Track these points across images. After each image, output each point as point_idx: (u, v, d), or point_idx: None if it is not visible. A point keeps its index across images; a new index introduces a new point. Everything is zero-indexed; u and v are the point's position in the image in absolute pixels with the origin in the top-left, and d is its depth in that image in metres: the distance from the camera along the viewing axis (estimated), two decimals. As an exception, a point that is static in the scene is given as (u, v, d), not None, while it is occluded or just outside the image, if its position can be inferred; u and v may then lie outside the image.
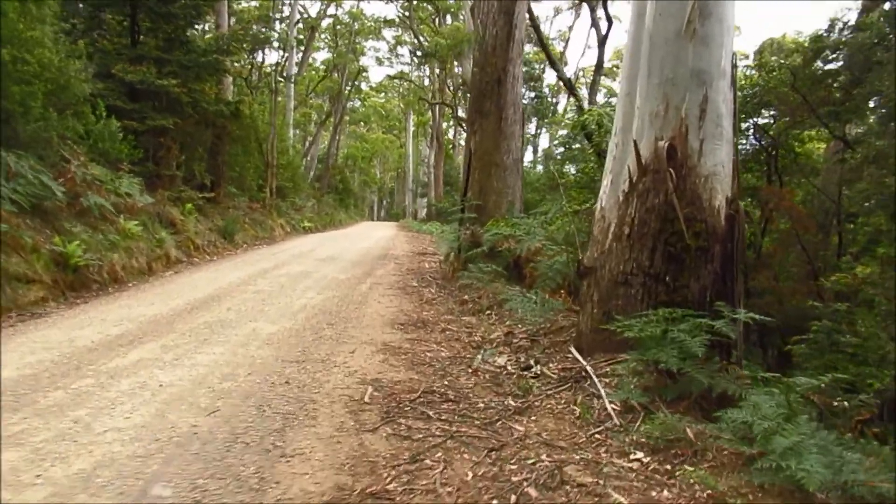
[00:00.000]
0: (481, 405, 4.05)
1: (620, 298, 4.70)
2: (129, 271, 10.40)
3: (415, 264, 12.35)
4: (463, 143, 56.17)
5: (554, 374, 4.65)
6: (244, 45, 20.26)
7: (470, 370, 4.86)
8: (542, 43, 13.48)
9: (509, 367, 4.90)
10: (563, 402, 4.10)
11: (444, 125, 46.90)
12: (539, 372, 4.73)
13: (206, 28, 20.82)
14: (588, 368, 4.46)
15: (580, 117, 10.11)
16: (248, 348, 5.22)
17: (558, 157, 20.98)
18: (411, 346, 5.48)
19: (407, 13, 36.23)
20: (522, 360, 5.10)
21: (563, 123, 28.95)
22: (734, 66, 4.84)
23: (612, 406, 3.88)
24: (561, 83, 39.27)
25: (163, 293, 8.40)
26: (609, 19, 12.19)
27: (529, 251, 7.20)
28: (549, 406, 4.04)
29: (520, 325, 6.24)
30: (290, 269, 11.00)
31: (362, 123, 61.76)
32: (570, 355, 5.00)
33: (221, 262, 12.91)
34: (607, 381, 4.28)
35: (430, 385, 4.38)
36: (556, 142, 24.57)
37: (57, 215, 9.59)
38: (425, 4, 36.79)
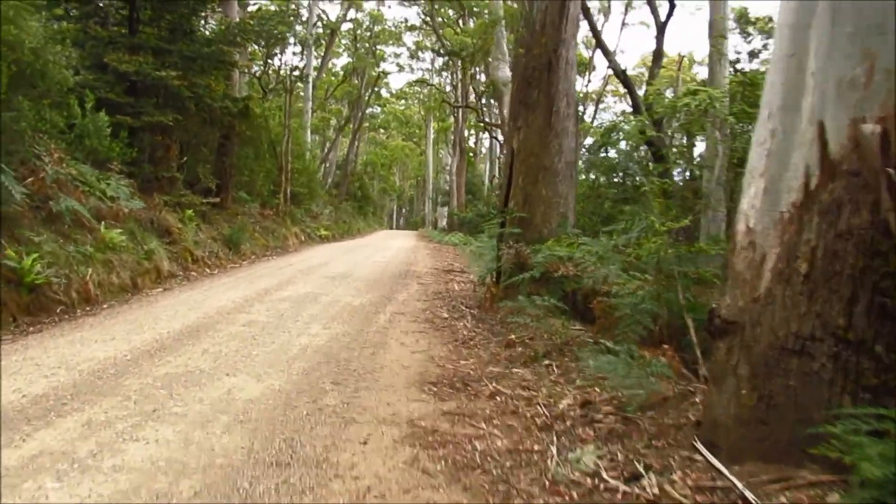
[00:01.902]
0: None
1: (792, 376, 2.94)
2: (108, 289, 8.82)
3: (441, 285, 10.63)
4: (485, 149, 54.59)
5: (685, 496, 2.90)
6: (255, 38, 18.65)
7: (546, 481, 3.11)
8: (593, 29, 11.67)
9: (606, 476, 3.15)
10: (724, 568, 2.36)
11: (466, 133, 45.28)
12: (657, 489, 2.98)
13: (214, 20, 19.30)
14: (749, 497, 2.71)
15: (659, 107, 8.30)
16: (211, 431, 3.51)
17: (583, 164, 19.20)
18: (451, 429, 3.74)
19: (429, 17, 34.60)
20: (621, 458, 3.35)
21: (591, 130, 27.14)
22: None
23: None
24: (593, 82, 37.60)
25: (135, 320, 6.75)
26: None
27: (605, 282, 5.44)
28: (704, 581, 2.30)
29: (596, 388, 4.49)
30: (296, 289, 9.33)
31: (382, 130, 60.53)
32: (697, 457, 3.24)
33: (222, 276, 11.30)
34: (791, 525, 2.53)
35: (492, 523, 2.64)
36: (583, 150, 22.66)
37: (17, 222, 8.01)
38: (447, 10, 35.16)
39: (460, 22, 35.04)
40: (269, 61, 31.15)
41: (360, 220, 40.93)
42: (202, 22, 16.93)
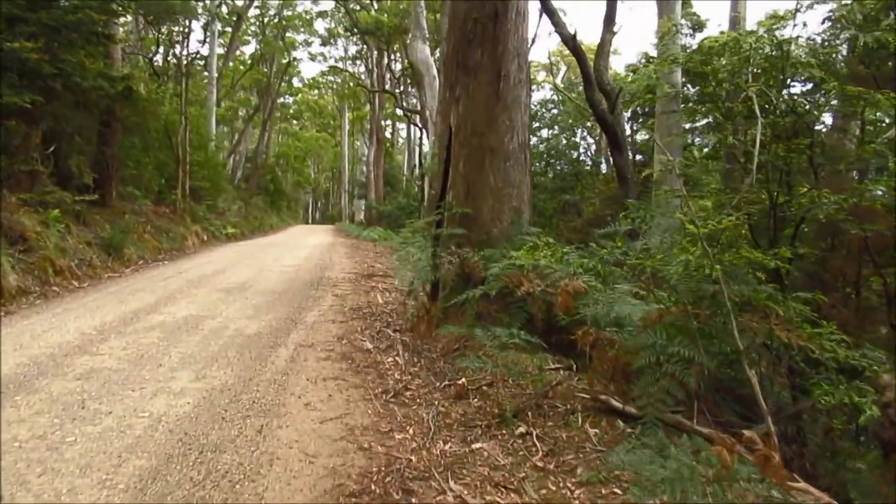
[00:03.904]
0: None
1: None
2: (-84, 320, 6.65)
3: (362, 296, 8.75)
4: (403, 139, 52.57)
5: None
6: (138, 8, 16.20)
7: None
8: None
9: None
10: None
11: (383, 122, 43.41)
12: None
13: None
14: None
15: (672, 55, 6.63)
16: None
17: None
18: None
19: (341, -2, 32.37)
20: None
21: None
22: None
23: None
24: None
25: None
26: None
27: (609, 318, 3.72)
28: None
29: (615, 489, 2.82)
30: (175, 309, 7.30)
31: (294, 121, 57.90)
32: None
33: (91, 291, 9.14)
34: None
35: None
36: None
37: None
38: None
39: (374, 3, 33.08)
40: (166, 44, 28.39)
41: (273, 215, 38.52)
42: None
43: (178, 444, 3.36)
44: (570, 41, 9.48)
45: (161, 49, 28.02)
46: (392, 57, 36.87)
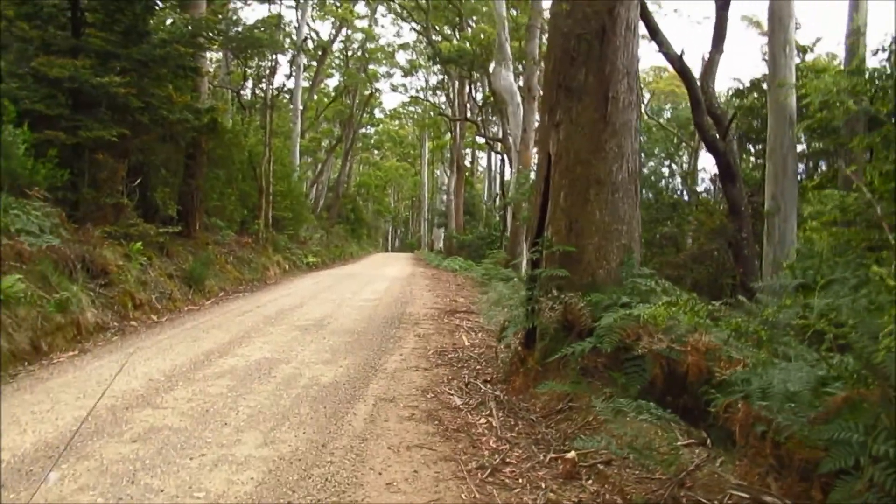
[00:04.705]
0: None
1: None
2: (-11, 359, 6.38)
3: (446, 337, 8.10)
4: (482, 168, 52.21)
5: None
6: (226, 43, 16.30)
7: None
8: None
9: None
10: None
11: (462, 151, 43.24)
12: None
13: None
14: None
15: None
16: None
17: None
18: None
19: (423, 25, 32.44)
20: None
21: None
22: None
23: None
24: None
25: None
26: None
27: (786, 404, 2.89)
28: None
29: None
30: (248, 351, 6.84)
31: (375, 150, 58.60)
32: None
33: (167, 327, 8.88)
34: None
35: None
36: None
37: None
38: (443, 26, 33.12)
39: (457, 32, 33.00)
40: (254, 78, 29.04)
41: (353, 243, 38.74)
42: (167, 22, 14.60)
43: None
44: (676, 61, 8.67)
45: (249, 82, 28.67)
46: (473, 86, 36.73)
